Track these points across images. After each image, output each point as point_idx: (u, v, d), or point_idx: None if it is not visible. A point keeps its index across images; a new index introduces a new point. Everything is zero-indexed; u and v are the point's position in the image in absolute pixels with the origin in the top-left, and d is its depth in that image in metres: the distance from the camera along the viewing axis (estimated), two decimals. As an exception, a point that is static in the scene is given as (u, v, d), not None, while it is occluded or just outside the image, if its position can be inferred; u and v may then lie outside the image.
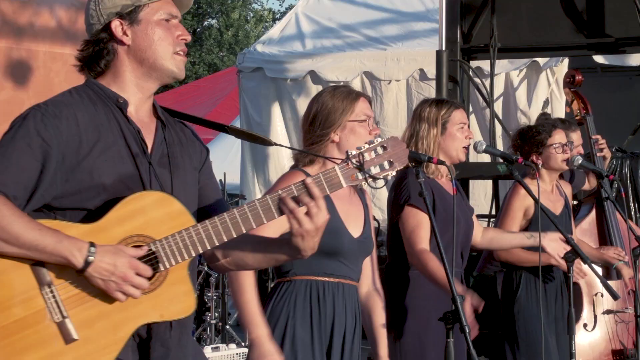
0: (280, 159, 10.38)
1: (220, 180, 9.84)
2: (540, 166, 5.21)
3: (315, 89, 9.96)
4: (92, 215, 2.64)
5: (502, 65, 8.95)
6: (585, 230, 5.77)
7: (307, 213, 2.61)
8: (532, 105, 9.30)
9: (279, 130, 10.39)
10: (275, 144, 3.13)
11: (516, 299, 5.09)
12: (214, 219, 2.63)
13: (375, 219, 7.78)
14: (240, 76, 10.77)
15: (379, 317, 3.81)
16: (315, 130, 3.64)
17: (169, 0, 2.80)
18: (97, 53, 2.76)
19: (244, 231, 2.64)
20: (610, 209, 5.74)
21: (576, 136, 6.01)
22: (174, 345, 2.73)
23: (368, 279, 3.85)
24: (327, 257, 3.53)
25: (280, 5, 43.19)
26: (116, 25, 2.74)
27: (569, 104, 6.20)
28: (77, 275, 2.58)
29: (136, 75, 2.76)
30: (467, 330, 3.20)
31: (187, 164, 2.85)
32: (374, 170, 2.66)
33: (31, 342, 2.55)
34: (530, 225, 5.10)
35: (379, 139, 2.70)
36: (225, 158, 12.40)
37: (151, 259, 2.61)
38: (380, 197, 9.73)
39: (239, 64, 10.82)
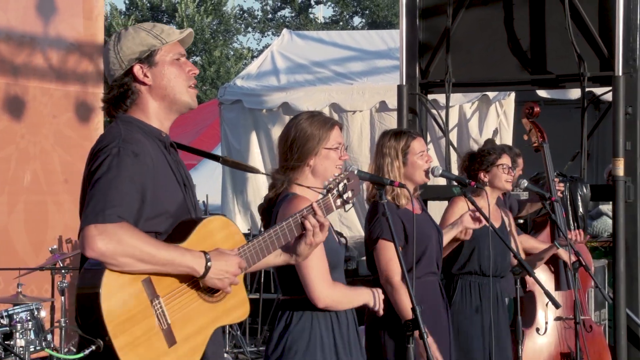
0: (258, 183, 10.37)
1: (203, 202, 9.82)
2: (486, 184, 5.19)
3: (288, 119, 9.92)
4: (172, 237, 2.78)
5: (456, 98, 8.99)
6: (541, 243, 5.79)
7: (321, 228, 3.03)
8: (483, 134, 9.36)
9: (256, 156, 10.38)
10: (263, 173, 3.54)
11: (452, 303, 5.03)
12: (259, 237, 2.92)
13: (343, 236, 7.74)
14: (221, 108, 10.75)
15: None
16: (293, 155, 3.61)
17: (176, 42, 2.92)
18: (121, 94, 2.86)
19: (278, 247, 2.98)
20: (556, 227, 5.76)
21: (520, 161, 6.03)
22: (217, 344, 2.90)
23: None
24: (333, 271, 3.51)
25: (257, 44, 43.26)
26: (137, 70, 2.84)
27: (527, 132, 6.21)
28: (174, 287, 2.72)
29: (160, 109, 2.89)
30: (426, 337, 3.19)
31: (191, 182, 3.01)
32: (345, 197, 3.10)
33: (144, 344, 2.67)
34: (473, 239, 5.07)
35: (345, 172, 3.14)
36: (208, 181, 12.35)
37: None
38: (347, 217, 9.74)
39: (220, 97, 10.81)
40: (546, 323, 5.63)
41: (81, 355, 2.64)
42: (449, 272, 4.99)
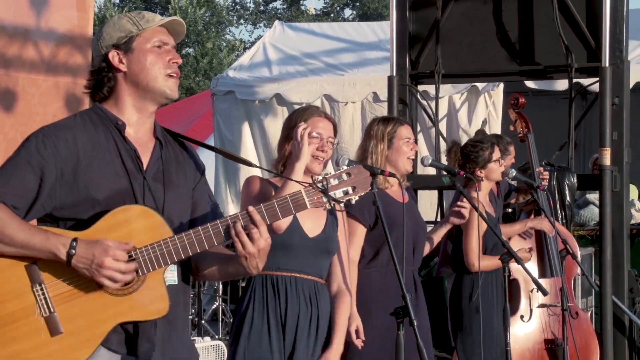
0: (250, 172, 10.32)
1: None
2: (482, 179, 5.23)
3: (280, 110, 9.97)
4: (83, 224, 2.65)
5: (446, 89, 9.00)
6: (525, 233, 5.80)
7: (250, 238, 2.63)
8: (472, 124, 9.37)
9: (249, 145, 10.36)
10: (255, 166, 3.16)
11: (463, 298, 5.10)
12: (182, 235, 2.65)
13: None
14: (214, 99, 10.73)
15: (341, 311, 3.77)
16: (279, 144, 3.67)
17: (161, 29, 2.82)
18: (99, 81, 2.80)
19: (199, 250, 2.65)
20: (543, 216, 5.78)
21: (512, 149, 6.04)
22: (159, 341, 2.72)
23: (337, 278, 3.82)
24: (281, 253, 3.53)
25: (249, 36, 43.19)
26: (113, 55, 2.78)
27: (512, 123, 6.23)
28: (68, 276, 2.59)
29: (133, 98, 2.78)
30: (415, 324, 3.20)
31: (182, 181, 2.85)
32: (338, 194, 2.67)
33: (20, 333, 2.57)
34: (486, 236, 5.14)
35: (345, 167, 2.71)
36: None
37: None
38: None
39: (213, 88, 10.78)
40: (530, 310, 5.65)
41: None
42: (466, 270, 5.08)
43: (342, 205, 2.71)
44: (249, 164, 3.15)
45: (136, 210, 2.66)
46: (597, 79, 6.43)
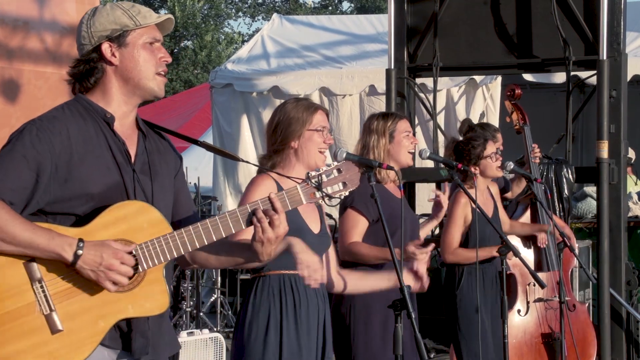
0: (249, 165, 10.30)
1: (195, 184, 9.79)
2: (477, 175, 5.21)
3: (278, 102, 9.89)
4: (80, 220, 2.61)
5: (444, 82, 8.97)
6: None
7: (270, 224, 2.64)
8: (470, 116, 9.32)
9: (247, 138, 10.34)
10: (242, 160, 3.12)
11: (458, 289, 5.08)
12: (189, 228, 2.62)
13: (332, 218, 7.76)
14: (212, 91, 10.71)
15: (352, 273, 3.78)
16: (277, 138, 3.61)
17: (153, 25, 2.77)
18: (87, 71, 2.73)
19: (214, 240, 2.64)
20: (541, 208, 5.77)
21: (499, 136, 6.00)
22: (152, 335, 2.70)
23: (332, 271, 3.82)
24: None
25: (248, 28, 43.13)
26: (106, 48, 2.71)
27: (509, 114, 6.22)
28: (67, 273, 2.55)
29: (122, 92, 2.73)
30: (413, 317, 3.19)
31: (165, 171, 2.82)
32: (330, 190, 2.71)
33: (20, 332, 2.52)
34: (470, 230, 5.12)
35: (335, 163, 2.74)
36: (199, 165, 12.32)
37: None
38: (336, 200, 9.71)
39: (212, 81, 10.76)
40: (527, 304, 5.64)
41: None
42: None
43: (332, 200, 2.75)
44: (236, 158, 3.10)
45: (135, 206, 2.63)
46: (595, 71, 6.40)
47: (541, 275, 5.57)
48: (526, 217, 5.89)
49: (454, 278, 5.13)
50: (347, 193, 2.73)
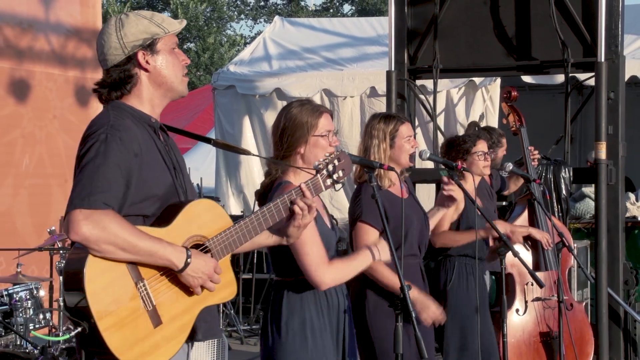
0: (250, 166, 10.37)
1: (197, 185, 9.81)
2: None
3: (280, 104, 9.96)
4: (161, 221, 2.78)
5: (444, 84, 9.00)
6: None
7: (309, 210, 3.01)
8: (470, 118, 9.36)
9: (249, 140, 10.37)
10: (254, 155, 3.42)
11: (449, 285, 5.08)
12: (246, 220, 2.91)
13: (333, 218, 7.77)
14: (215, 93, 10.73)
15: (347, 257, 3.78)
16: (284, 144, 3.60)
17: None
18: (122, 80, 2.87)
19: (265, 229, 2.96)
20: (539, 209, 5.78)
21: (504, 140, 6.02)
22: (211, 319, 2.92)
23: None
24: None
25: (250, 31, 43.13)
26: (141, 56, 2.87)
27: (505, 116, 6.23)
28: (156, 270, 2.73)
29: (155, 96, 2.91)
30: (413, 316, 3.20)
31: (184, 165, 3.02)
32: (336, 176, 3.08)
33: (141, 329, 2.70)
34: (461, 219, 5.13)
35: (336, 152, 3.10)
36: (202, 165, 12.34)
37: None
38: (337, 199, 9.75)
39: (214, 83, 10.78)
40: (526, 303, 5.65)
41: (67, 337, 2.66)
42: (443, 254, 5.05)
43: (337, 186, 3.09)
44: (247, 152, 3.28)
45: (204, 204, 2.88)
46: (593, 73, 6.42)
47: (539, 274, 5.59)
48: (524, 217, 5.91)
49: (444, 275, 5.12)
50: (345, 179, 3.05)
